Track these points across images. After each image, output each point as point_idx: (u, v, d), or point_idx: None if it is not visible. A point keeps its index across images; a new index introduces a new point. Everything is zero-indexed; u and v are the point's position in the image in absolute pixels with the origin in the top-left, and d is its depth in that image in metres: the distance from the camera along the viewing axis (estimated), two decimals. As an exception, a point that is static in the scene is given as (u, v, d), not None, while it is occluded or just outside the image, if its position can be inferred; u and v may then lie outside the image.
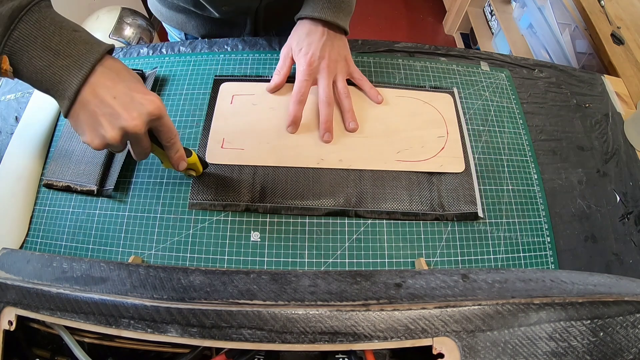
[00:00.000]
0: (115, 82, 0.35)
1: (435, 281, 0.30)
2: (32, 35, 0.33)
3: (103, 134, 0.35)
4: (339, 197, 0.48)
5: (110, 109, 0.35)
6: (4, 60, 0.33)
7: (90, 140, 0.36)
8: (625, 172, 0.54)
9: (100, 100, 0.35)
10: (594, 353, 0.26)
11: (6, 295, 0.30)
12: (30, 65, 0.33)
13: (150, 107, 0.36)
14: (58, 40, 0.34)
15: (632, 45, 0.74)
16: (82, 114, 0.35)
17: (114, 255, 0.46)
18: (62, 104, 0.35)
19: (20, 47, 0.33)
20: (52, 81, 0.34)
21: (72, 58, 0.34)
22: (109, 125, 0.35)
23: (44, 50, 0.33)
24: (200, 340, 0.26)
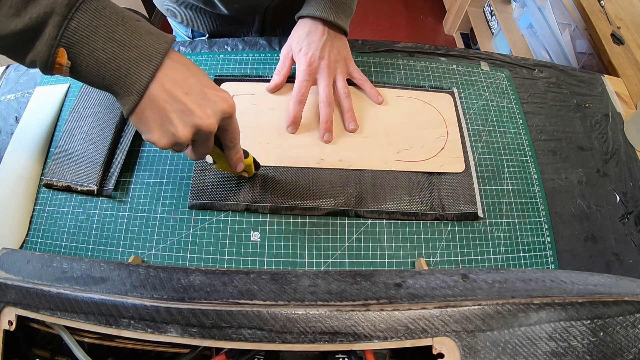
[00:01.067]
0: (185, 77, 0.33)
1: (435, 281, 0.30)
2: (93, 25, 0.30)
3: (173, 132, 0.33)
4: (339, 197, 0.48)
5: (182, 106, 0.32)
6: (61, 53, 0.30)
7: (158, 139, 0.33)
8: (625, 172, 0.54)
9: (171, 96, 0.32)
10: (594, 353, 0.26)
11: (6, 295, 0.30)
12: (91, 58, 0.30)
13: (224, 106, 0.34)
14: (122, 31, 0.31)
15: (632, 45, 0.74)
16: (149, 111, 0.33)
17: (114, 255, 0.46)
18: (128, 100, 0.32)
19: (79, 38, 0.30)
20: (117, 75, 0.31)
21: (139, 50, 0.31)
22: (181, 122, 0.33)
23: (107, 42, 0.30)
24: (200, 340, 0.26)
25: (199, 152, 0.37)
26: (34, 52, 0.30)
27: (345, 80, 0.53)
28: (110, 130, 0.51)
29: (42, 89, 0.58)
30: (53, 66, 0.30)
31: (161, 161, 0.50)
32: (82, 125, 0.52)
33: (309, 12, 0.52)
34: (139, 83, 0.31)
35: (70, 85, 0.58)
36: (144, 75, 0.31)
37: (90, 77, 0.32)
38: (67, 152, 0.51)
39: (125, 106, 0.32)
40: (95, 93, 0.55)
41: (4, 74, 0.62)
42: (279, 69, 0.54)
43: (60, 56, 0.30)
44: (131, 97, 0.32)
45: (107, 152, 0.49)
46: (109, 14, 0.31)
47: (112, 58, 0.31)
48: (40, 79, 0.59)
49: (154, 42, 0.32)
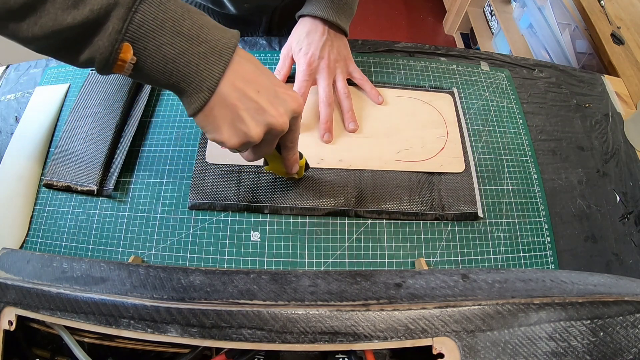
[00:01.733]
0: (256, 75, 0.32)
1: (435, 281, 0.30)
2: (159, 18, 0.28)
3: (245, 132, 0.32)
4: (339, 197, 0.48)
5: (254, 104, 0.31)
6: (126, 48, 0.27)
7: (227, 138, 0.32)
8: (625, 172, 0.54)
9: (243, 94, 0.31)
10: (594, 353, 0.26)
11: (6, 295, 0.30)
12: (158, 54, 0.28)
13: (294, 105, 0.33)
14: (189, 24, 0.29)
15: (632, 45, 0.74)
16: (219, 109, 0.31)
17: (114, 255, 0.46)
18: (197, 97, 0.31)
19: (144, 32, 0.28)
20: (187, 71, 0.29)
21: (208, 44, 0.30)
22: (253, 121, 0.31)
23: (175, 36, 0.28)
24: (200, 340, 0.26)
25: (260, 153, 0.36)
26: (92, 49, 0.27)
27: (345, 80, 0.53)
28: (110, 130, 0.51)
29: (42, 89, 0.58)
30: (114, 63, 0.28)
31: (161, 161, 0.50)
32: (82, 125, 0.52)
33: (309, 11, 0.52)
34: (209, 79, 0.30)
35: (70, 85, 0.58)
36: (215, 71, 0.30)
37: (154, 75, 0.30)
38: (67, 152, 0.51)
39: (193, 104, 0.31)
40: (95, 93, 0.54)
41: (4, 74, 0.62)
42: (279, 68, 0.54)
43: (125, 52, 0.28)
44: (201, 95, 0.30)
45: (107, 152, 0.49)
46: (173, 6, 0.29)
47: (181, 53, 0.29)
48: (41, 79, 0.60)
49: (222, 37, 0.30)
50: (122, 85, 0.54)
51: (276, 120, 0.32)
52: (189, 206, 0.47)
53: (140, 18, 0.27)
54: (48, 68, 0.61)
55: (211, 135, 0.33)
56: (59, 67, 0.60)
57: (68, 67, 0.60)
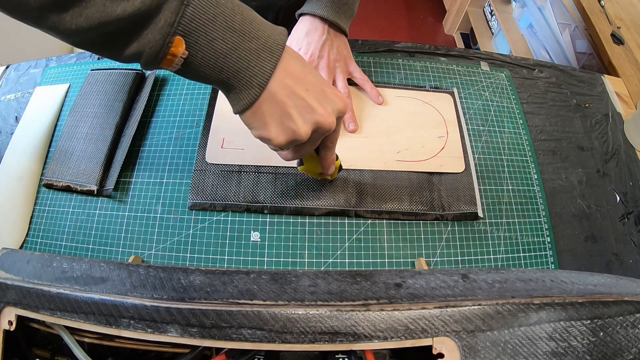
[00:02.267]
0: (304, 73, 0.32)
1: (435, 281, 0.30)
2: (210, 12, 0.27)
3: (294, 129, 0.31)
4: (339, 197, 0.48)
5: (303, 102, 0.31)
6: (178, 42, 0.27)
7: (275, 136, 0.32)
8: (625, 172, 0.54)
9: (292, 91, 0.31)
10: (594, 353, 0.26)
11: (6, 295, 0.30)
12: (209, 49, 0.28)
13: (340, 105, 0.33)
14: (240, 20, 0.28)
15: (632, 45, 0.74)
16: (268, 106, 0.31)
17: (114, 255, 0.46)
18: (247, 94, 0.30)
19: (196, 26, 0.27)
20: (238, 67, 0.29)
21: (259, 41, 0.29)
22: (302, 119, 0.31)
23: (226, 31, 0.28)
24: (200, 340, 0.26)
25: (302, 152, 0.36)
26: (141, 42, 0.27)
27: (345, 80, 0.53)
28: (110, 130, 0.51)
29: (42, 89, 0.58)
30: (164, 58, 0.27)
31: (161, 161, 0.50)
32: (82, 125, 0.52)
33: (309, 9, 0.52)
34: (260, 76, 0.29)
35: (70, 85, 0.58)
36: (266, 67, 0.29)
37: (203, 70, 0.29)
38: (67, 152, 0.51)
39: (241, 101, 0.30)
40: (95, 93, 0.55)
41: (4, 74, 0.62)
42: (279, 69, 0.54)
43: (176, 46, 0.27)
44: (251, 91, 0.30)
45: (107, 152, 0.49)
46: (224, 0, 0.28)
47: (232, 49, 0.28)
48: (41, 79, 0.60)
49: (271, 33, 0.30)
50: (122, 85, 0.54)
51: (324, 120, 0.32)
52: (189, 206, 0.47)
53: (192, 11, 0.27)
54: (48, 68, 0.61)
55: (257, 132, 0.32)
56: (59, 67, 0.60)
57: (68, 67, 0.60)
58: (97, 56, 0.61)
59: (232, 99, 0.31)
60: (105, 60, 0.61)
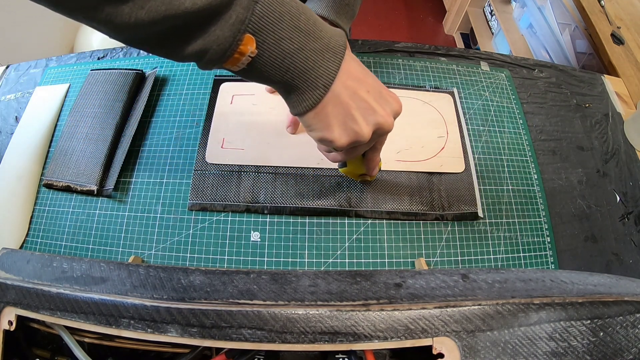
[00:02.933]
0: (364, 75, 0.31)
1: (435, 281, 0.30)
2: (277, 11, 0.27)
3: (357, 131, 0.31)
4: (339, 197, 0.48)
5: (364, 104, 0.31)
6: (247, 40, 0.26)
7: (338, 137, 0.32)
8: (625, 172, 0.54)
9: (354, 93, 0.30)
10: (594, 353, 0.26)
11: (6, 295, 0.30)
12: (276, 48, 0.27)
13: (396, 106, 0.33)
14: (305, 20, 0.28)
15: (632, 45, 0.74)
16: (332, 107, 0.30)
17: (114, 255, 0.46)
18: (311, 95, 0.30)
19: (265, 24, 0.26)
20: (304, 67, 0.28)
21: (322, 41, 0.29)
22: (364, 121, 0.31)
23: (293, 31, 0.27)
24: (200, 340, 0.26)
25: (356, 153, 0.36)
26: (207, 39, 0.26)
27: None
28: (110, 130, 0.51)
29: (42, 89, 0.58)
30: (231, 56, 0.26)
31: (161, 161, 0.50)
32: (82, 125, 0.52)
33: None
34: (325, 77, 0.29)
35: (70, 85, 0.58)
36: (331, 68, 0.29)
37: (268, 70, 0.28)
38: (67, 152, 0.51)
39: (305, 102, 0.30)
40: (95, 93, 0.55)
41: (4, 74, 0.62)
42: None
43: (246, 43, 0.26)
44: (316, 92, 0.29)
45: (107, 152, 0.49)
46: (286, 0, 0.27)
47: (299, 49, 0.28)
48: (41, 79, 0.60)
49: (333, 34, 0.30)
50: (122, 85, 0.54)
51: (385, 121, 0.32)
52: (188, 206, 0.47)
53: (260, 9, 0.26)
54: (48, 68, 0.61)
55: (319, 134, 0.32)
56: (59, 67, 0.60)
57: (68, 67, 0.60)
58: (97, 56, 0.61)
59: (294, 100, 0.31)
60: (105, 60, 0.61)
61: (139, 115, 0.52)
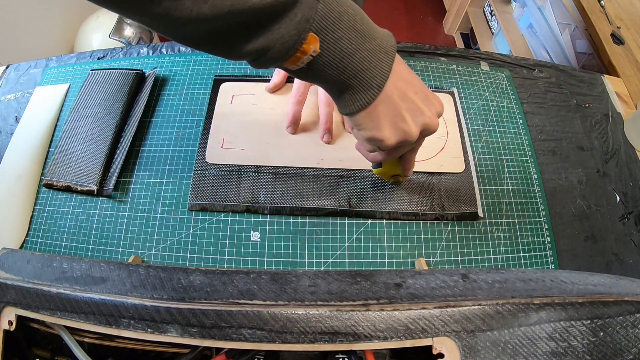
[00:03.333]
0: (411, 76, 0.32)
1: (435, 281, 0.30)
2: (337, 10, 0.27)
3: (406, 130, 0.32)
4: (339, 197, 0.48)
5: (413, 105, 0.32)
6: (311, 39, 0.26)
7: (388, 136, 0.32)
8: (625, 172, 0.54)
9: (404, 93, 0.31)
10: (594, 353, 0.26)
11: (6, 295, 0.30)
12: (336, 48, 0.27)
13: (440, 107, 0.34)
14: (361, 20, 0.28)
15: (632, 45, 0.74)
16: (383, 107, 0.31)
17: (114, 255, 0.46)
18: (365, 95, 0.30)
19: (326, 24, 0.26)
20: (360, 67, 0.29)
21: (376, 42, 0.29)
22: (413, 121, 0.32)
23: (350, 31, 0.27)
24: (200, 340, 0.26)
25: (397, 154, 0.37)
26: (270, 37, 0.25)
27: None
28: (110, 130, 0.51)
29: (42, 89, 0.58)
30: (293, 55, 0.26)
31: (161, 161, 0.50)
32: (82, 125, 0.52)
33: None
34: (380, 77, 0.30)
35: (70, 85, 0.58)
36: (385, 69, 0.30)
37: (326, 70, 0.28)
38: (67, 152, 0.51)
39: (358, 102, 0.31)
40: (95, 93, 0.55)
41: (4, 74, 0.62)
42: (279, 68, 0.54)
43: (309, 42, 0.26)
44: (370, 92, 0.30)
45: (107, 152, 0.49)
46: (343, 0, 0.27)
47: (356, 49, 0.28)
48: (41, 79, 0.60)
49: (383, 35, 0.30)
50: (122, 85, 0.54)
51: (431, 121, 0.33)
52: (188, 207, 0.47)
53: (322, 8, 0.26)
54: (48, 68, 0.61)
55: (369, 133, 0.33)
56: (59, 67, 0.60)
57: (68, 67, 0.60)
58: (97, 56, 0.61)
59: (346, 99, 0.31)
60: (105, 60, 0.61)
61: (139, 115, 0.52)
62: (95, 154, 0.50)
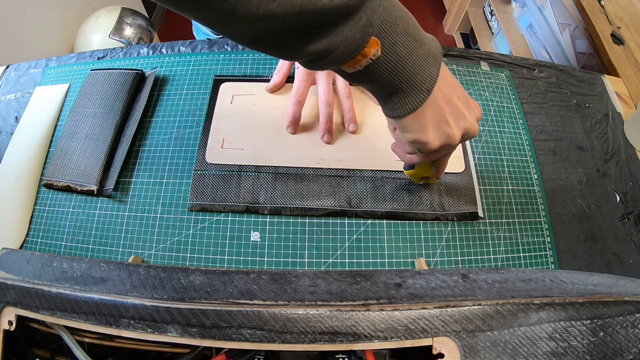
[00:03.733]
0: (454, 81, 0.33)
1: (435, 281, 0.30)
2: (393, 15, 0.27)
3: (449, 134, 0.33)
4: (339, 197, 0.48)
5: (456, 109, 0.33)
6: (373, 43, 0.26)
7: (432, 139, 0.33)
8: (625, 172, 0.54)
9: (448, 98, 0.32)
10: (594, 353, 0.26)
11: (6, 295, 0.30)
12: (392, 52, 0.28)
13: (479, 113, 0.35)
14: (413, 25, 0.29)
15: (632, 45, 0.74)
16: (429, 111, 0.32)
17: (114, 255, 0.46)
18: (414, 98, 0.31)
19: (385, 28, 0.27)
20: (412, 72, 0.29)
21: (425, 46, 0.30)
22: (456, 125, 0.33)
23: (405, 35, 0.28)
24: (200, 340, 0.26)
25: (436, 156, 0.38)
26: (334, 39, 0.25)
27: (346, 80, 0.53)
28: (110, 130, 0.51)
29: (42, 89, 0.58)
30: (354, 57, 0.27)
31: (161, 161, 0.50)
32: (82, 125, 0.52)
33: None
34: (429, 81, 0.30)
35: (70, 85, 0.58)
36: (433, 73, 0.30)
37: (380, 74, 0.29)
38: (67, 152, 0.51)
39: (407, 105, 0.31)
40: (95, 93, 0.55)
41: (4, 74, 0.62)
42: (279, 68, 0.54)
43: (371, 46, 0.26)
44: (419, 96, 0.31)
45: (107, 152, 0.49)
46: (397, 4, 0.28)
47: (409, 53, 0.29)
48: (41, 79, 0.60)
49: (431, 40, 0.31)
50: (122, 85, 0.54)
51: (472, 126, 0.34)
52: (188, 208, 0.47)
53: (382, 13, 0.26)
54: (48, 68, 0.61)
55: (414, 136, 0.33)
56: (59, 67, 0.60)
57: (68, 67, 0.60)
58: (97, 56, 0.61)
59: (395, 102, 0.32)
60: (105, 60, 0.61)
61: (139, 115, 0.52)
62: (95, 154, 0.50)
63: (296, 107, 0.50)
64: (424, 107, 0.31)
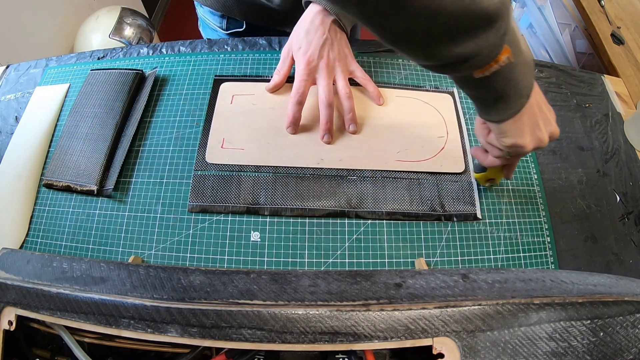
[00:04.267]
0: (539, 90, 0.35)
1: (435, 281, 0.30)
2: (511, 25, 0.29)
3: (540, 138, 0.36)
4: (339, 198, 0.48)
5: (544, 115, 0.35)
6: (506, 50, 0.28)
7: (528, 142, 0.35)
8: (625, 172, 0.54)
9: (539, 105, 0.35)
10: (594, 353, 0.26)
11: (6, 295, 0.30)
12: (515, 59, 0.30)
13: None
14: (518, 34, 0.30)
15: (632, 45, 0.74)
16: (526, 116, 0.34)
17: (114, 255, 0.46)
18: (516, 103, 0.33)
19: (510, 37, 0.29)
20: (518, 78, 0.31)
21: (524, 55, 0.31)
22: (544, 129, 0.35)
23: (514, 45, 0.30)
24: (200, 340, 0.26)
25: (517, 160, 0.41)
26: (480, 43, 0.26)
27: (346, 80, 0.53)
28: (110, 130, 0.51)
29: (42, 89, 0.58)
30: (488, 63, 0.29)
31: (161, 161, 0.50)
32: (82, 125, 0.52)
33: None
34: (529, 87, 0.33)
35: (70, 85, 0.58)
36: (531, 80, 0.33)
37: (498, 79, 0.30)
38: (67, 152, 0.51)
39: (510, 110, 0.33)
40: (95, 93, 0.55)
41: (4, 74, 0.62)
42: (279, 68, 0.54)
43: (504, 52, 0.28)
44: (521, 101, 0.33)
45: (107, 152, 0.49)
46: None
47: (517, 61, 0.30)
48: (41, 79, 0.60)
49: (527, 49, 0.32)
50: (122, 85, 0.54)
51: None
52: (188, 209, 0.47)
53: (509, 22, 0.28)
54: (48, 68, 0.61)
55: (512, 140, 0.36)
56: (59, 67, 0.60)
57: (68, 67, 0.60)
58: (97, 56, 0.61)
59: (499, 108, 0.33)
60: (105, 60, 0.61)
61: (139, 115, 0.52)
62: (95, 153, 0.50)
63: (296, 107, 0.50)
64: (522, 113, 0.34)
